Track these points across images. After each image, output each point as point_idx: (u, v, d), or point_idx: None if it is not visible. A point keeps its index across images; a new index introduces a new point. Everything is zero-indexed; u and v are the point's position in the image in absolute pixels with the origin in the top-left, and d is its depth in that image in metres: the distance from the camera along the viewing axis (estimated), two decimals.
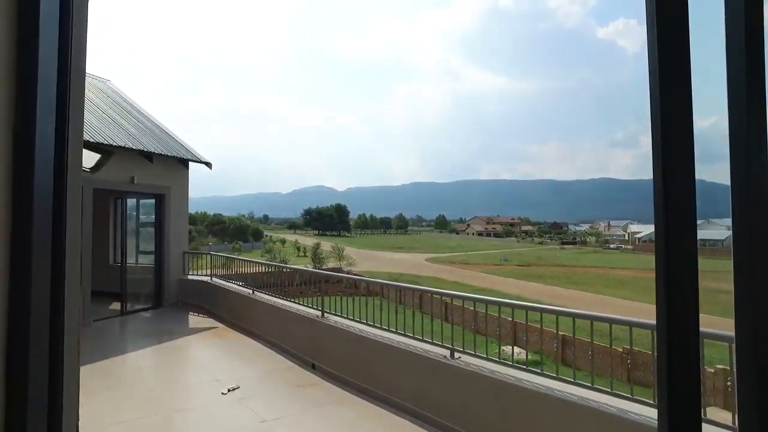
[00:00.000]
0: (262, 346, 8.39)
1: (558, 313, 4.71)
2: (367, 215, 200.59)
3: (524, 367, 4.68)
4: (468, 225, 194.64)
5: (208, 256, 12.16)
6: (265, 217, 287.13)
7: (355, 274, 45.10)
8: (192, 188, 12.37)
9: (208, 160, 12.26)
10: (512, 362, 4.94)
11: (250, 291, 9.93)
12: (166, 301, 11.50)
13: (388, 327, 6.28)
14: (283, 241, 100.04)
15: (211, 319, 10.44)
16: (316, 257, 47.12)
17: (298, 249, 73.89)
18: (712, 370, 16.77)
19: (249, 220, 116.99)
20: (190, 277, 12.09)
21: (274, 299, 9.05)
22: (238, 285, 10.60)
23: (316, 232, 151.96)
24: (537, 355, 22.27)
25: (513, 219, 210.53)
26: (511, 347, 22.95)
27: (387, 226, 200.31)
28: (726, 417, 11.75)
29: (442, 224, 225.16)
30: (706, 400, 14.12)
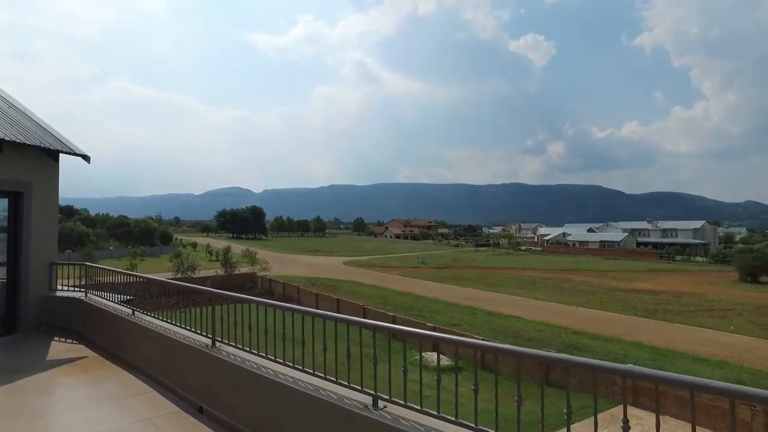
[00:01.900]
0: (141, 384, 6.73)
1: (493, 350, 3.63)
2: (284, 218, 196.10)
3: (481, 428, 3.54)
4: (386, 228, 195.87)
5: (84, 267, 10.10)
6: (176, 219, 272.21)
7: (270, 279, 42.95)
8: (93, 188, 10.37)
9: (85, 153, 10.18)
10: (455, 417, 3.80)
11: (130, 311, 8.14)
12: (22, 324, 9.32)
13: (293, 361, 4.96)
14: (195, 245, 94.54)
15: (81, 347, 8.52)
16: (227, 262, 44.18)
17: (210, 253, 69.70)
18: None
19: (157, 223, 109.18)
20: (59, 293, 9.98)
21: (157, 322, 7.38)
22: (119, 303, 8.73)
23: (231, 235, 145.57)
24: (459, 361, 21.73)
25: (430, 222, 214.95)
26: (431, 353, 22.23)
27: (304, 228, 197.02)
28: (635, 413, 11.40)
29: (360, 227, 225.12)
30: (616, 398, 14.00)
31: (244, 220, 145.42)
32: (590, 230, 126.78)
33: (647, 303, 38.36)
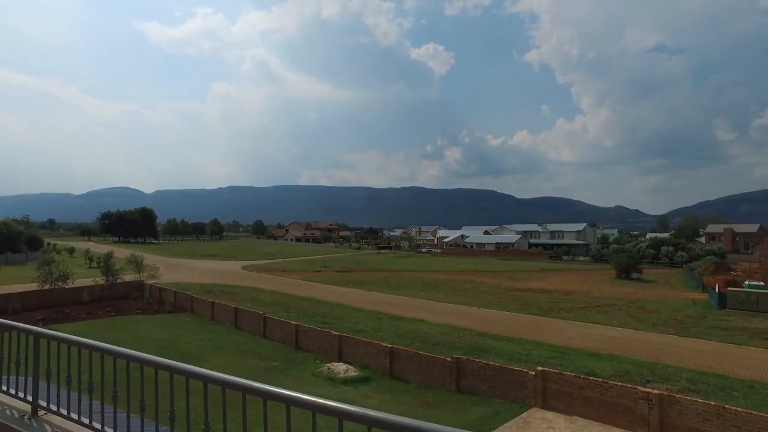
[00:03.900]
0: None
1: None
2: (178, 220, 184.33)
3: None
4: (286, 230, 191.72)
5: None
6: (50, 221, 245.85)
7: (160, 288, 39.19)
8: None
9: None
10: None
11: None
12: None
13: None
14: (72, 250, 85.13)
15: None
16: (108, 269, 39.52)
17: (91, 259, 62.70)
18: (533, 373, 17.23)
19: (22, 225, 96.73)
20: None
21: None
22: None
23: (116, 238, 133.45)
24: (366, 371, 20.78)
25: (331, 224, 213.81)
26: (337, 364, 21.03)
27: (201, 231, 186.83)
28: (545, 416, 11.11)
29: (259, 229, 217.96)
30: (527, 401, 13.81)
31: (132, 223, 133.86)
32: (486, 232, 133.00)
33: (542, 302, 40.28)
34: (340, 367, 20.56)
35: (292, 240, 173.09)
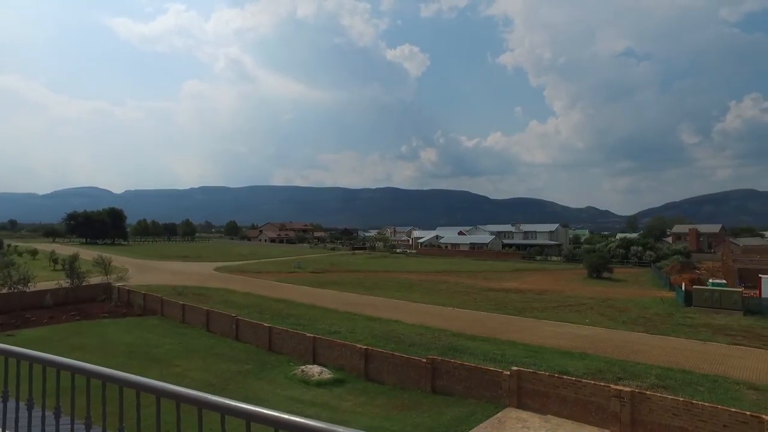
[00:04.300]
0: None
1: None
2: (149, 221, 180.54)
3: None
4: (260, 231, 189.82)
5: None
6: (12, 222, 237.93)
7: (128, 290, 38.15)
8: None
9: None
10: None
11: None
12: None
13: None
14: (35, 252, 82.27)
15: None
16: (73, 271, 38.13)
17: (55, 261, 60.66)
18: (508, 373, 17.30)
19: None
20: None
21: None
22: None
23: (83, 240, 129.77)
24: (341, 373, 20.56)
25: (306, 225, 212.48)
26: (311, 366, 20.77)
27: (172, 232, 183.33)
28: (520, 416, 11.10)
29: (233, 230, 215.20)
30: (502, 401, 13.81)
31: (100, 224, 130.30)
32: (461, 233, 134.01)
33: (516, 301, 40.67)
34: (314, 370, 20.27)
35: (266, 241, 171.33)
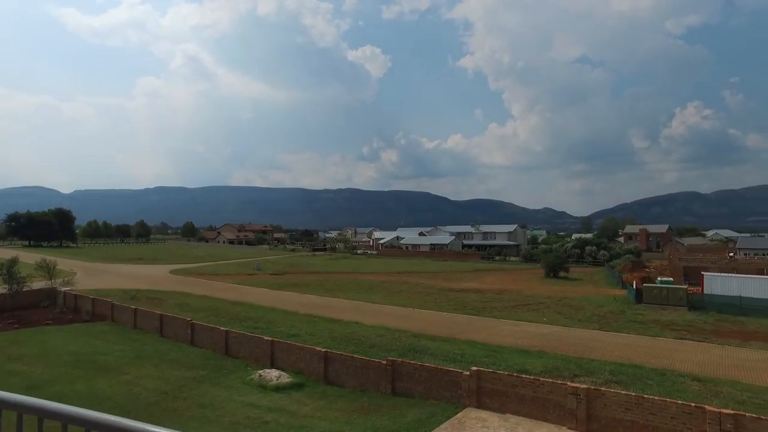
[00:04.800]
0: None
1: None
2: (100, 222, 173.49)
3: None
4: (218, 233, 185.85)
5: None
6: None
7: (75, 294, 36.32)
8: None
9: None
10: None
11: None
12: None
13: None
14: None
15: None
16: (12, 276, 35.77)
17: None
18: (468, 373, 17.36)
19: None
20: None
21: None
22: None
23: (27, 242, 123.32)
24: (300, 377, 20.18)
25: (265, 226, 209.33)
26: (269, 370, 20.31)
27: (125, 234, 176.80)
28: (480, 416, 11.13)
29: (190, 232, 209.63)
30: (462, 401, 13.83)
31: (45, 225, 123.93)
32: (421, 234, 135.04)
33: (476, 301, 41.16)
34: (272, 374, 19.81)
35: (224, 242, 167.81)
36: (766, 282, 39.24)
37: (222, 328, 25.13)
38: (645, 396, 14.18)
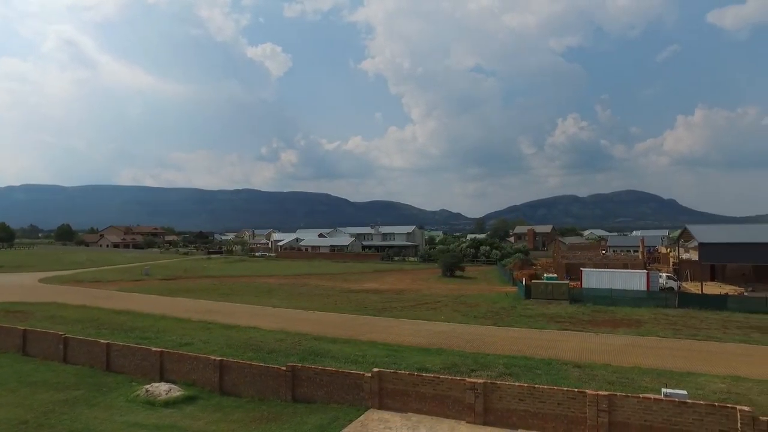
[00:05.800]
0: None
1: None
2: None
3: None
4: (101, 236, 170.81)
5: None
6: None
7: None
8: None
9: None
10: None
11: None
12: None
13: None
14: None
15: None
16: None
17: None
18: (369, 374, 17.23)
19: None
20: None
21: None
22: None
23: None
24: (193, 389, 18.81)
25: (156, 228, 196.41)
26: (158, 384, 18.70)
27: None
28: (382, 417, 11.07)
29: (66, 235, 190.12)
30: (364, 403, 13.69)
31: None
32: (321, 235, 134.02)
33: (376, 302, 41.48)
34: (161, 388, 18.24)
35: (108, 246, 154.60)
36: (629, 275, 44.08)
37: (102, 341, 22.75)
38: (535, 386, 14.99)
